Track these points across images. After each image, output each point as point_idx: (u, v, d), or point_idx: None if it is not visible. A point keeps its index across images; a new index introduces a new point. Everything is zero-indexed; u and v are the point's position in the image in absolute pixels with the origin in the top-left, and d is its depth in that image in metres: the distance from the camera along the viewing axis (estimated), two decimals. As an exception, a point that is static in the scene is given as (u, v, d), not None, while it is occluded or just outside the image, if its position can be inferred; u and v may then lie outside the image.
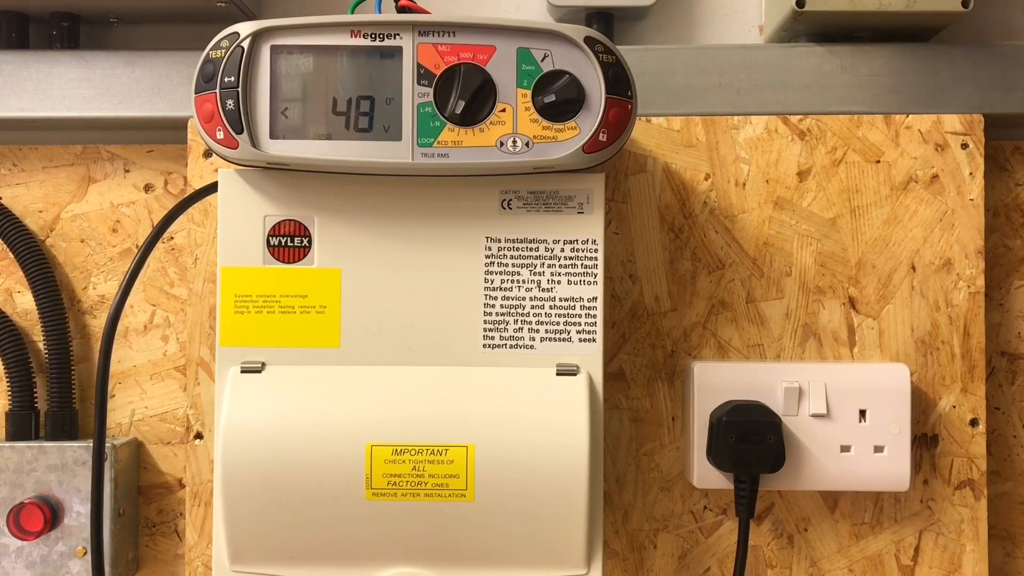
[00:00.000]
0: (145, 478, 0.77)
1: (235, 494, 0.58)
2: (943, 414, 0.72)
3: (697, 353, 0.72)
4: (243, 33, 0.58)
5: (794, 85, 0.74)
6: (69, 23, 0.77)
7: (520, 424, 0.59)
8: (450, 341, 0.62)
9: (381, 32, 0.58)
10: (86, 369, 0.78)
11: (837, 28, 0.74)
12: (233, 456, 0.58)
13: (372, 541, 0.59)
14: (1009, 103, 0.73)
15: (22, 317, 0.77)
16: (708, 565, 0.72)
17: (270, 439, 0.58)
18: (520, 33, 0.58)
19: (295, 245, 0.62)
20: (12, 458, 0.72)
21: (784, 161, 0.72)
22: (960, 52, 0.74)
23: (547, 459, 0.58)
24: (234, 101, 0.58)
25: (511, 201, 0.62)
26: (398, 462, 0.58)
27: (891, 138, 0.72)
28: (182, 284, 0.77)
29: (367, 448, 0.58)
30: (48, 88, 0.74)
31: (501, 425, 0.59)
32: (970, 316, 0.72)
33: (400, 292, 0.61)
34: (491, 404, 0.59)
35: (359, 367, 0.61)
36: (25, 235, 0.76)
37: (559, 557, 0.59)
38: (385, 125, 0.58)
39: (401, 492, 0.58)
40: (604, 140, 0.58)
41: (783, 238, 0.72)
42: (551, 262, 0.62)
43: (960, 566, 0.72)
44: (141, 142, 0.78)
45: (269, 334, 0.61)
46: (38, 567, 0.72)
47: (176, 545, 0.77)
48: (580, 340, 0.62)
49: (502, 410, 0.59)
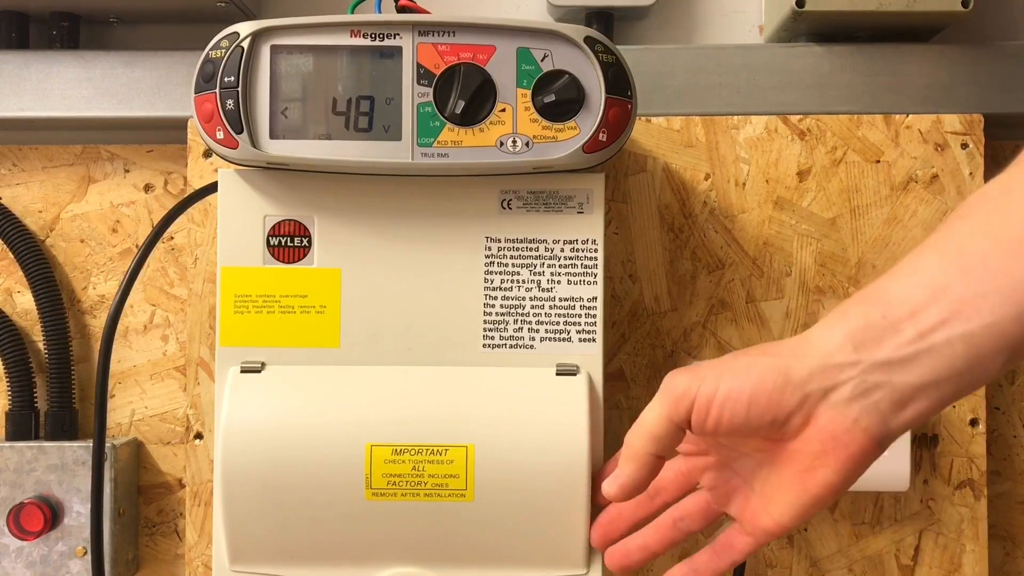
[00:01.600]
0: (145, 478, 0.77)
1: (235, 494, 0.58)
2: (943, 414, 0.72)
3: (697, 353, 0.72)
4: (243, 33, 0.58)
5: (794, 85, 0.74)
6: (69, 23, 0.77)
7: (520, 424, 0.59)
8: (450, 341, 0.62)
9: (381, 32, 0.58)
10: (86, 369, 0.78)
11: (837, 28, 0.74)
12: (233, 456, 0.58)
13: (372, 541, 0.59)
14: (1009, 103, 0.73)
15: (22, 317, 0.77)
16: (708, 565, 0.72)
17: (270, 439, 0.58)
18: (520, 33, 0.58)
19: (295, 245, 0.62)
20: (12, 458, 0.72)
21: (784, 161, 0.72)
22: (960, 52, 0.74)
23: (547, 459, 0.58)
24: (234, 101, 0.58)
25: (511, 201, 0.62)
26: (398, 462, 0.58)
27: (891, 138, 0.72)
28: (182, 284, 0.77)
29: (367, 448, 0.58)
30: (48, 88, 0.74)
31: (501, 425, 0.59)
32: (970, 316, 0.72)
33: (400, 292, 0.61)
34: (491, 404, 0.59)
35: (359, 367, 0.61)
36: (25, 235, 0.76)
37: (559, 557, 0.59)
38: (385, 125, 0.58)
39: (401, 492, 0.58)
40: (604, 140, 0.58)
41: (783, 238, 0.72)
42: (551, 262, 0.62)
43: (960, 566, 0.72)
44: (141, 142, 0.78)
45: (269, 334, 0.61)
46: (38, 567, 0.72)
47: (176, 545, 0.77)
48: (580, 340, 0.62)
49: (502, 410, 0.59)
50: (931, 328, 0.44)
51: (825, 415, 0.46)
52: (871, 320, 0.46)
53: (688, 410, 0.49)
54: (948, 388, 0.45)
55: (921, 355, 0.44)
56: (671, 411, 0.49)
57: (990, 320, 0.43)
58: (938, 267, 0.45)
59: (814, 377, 0.46)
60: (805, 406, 0.46)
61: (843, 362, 0.46)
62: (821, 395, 0.46)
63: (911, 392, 0.45)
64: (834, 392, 0.46)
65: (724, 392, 0.48)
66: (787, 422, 0.47)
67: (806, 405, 0.46)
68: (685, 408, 0.49)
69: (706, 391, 0.48)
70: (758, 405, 0.47)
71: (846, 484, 0.47)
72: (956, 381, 0.45)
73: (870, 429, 0.46)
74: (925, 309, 0.44)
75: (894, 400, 0.45)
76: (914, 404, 0.45)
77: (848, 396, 0.46)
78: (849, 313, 0.47)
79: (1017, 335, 0.43)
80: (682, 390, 0.49)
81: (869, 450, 0.46)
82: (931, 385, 0.45)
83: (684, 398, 0.49)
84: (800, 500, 0.48)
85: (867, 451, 0.46)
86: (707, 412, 0.48)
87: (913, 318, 0.45)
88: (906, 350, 0.45)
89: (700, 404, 0.48)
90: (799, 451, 0.47)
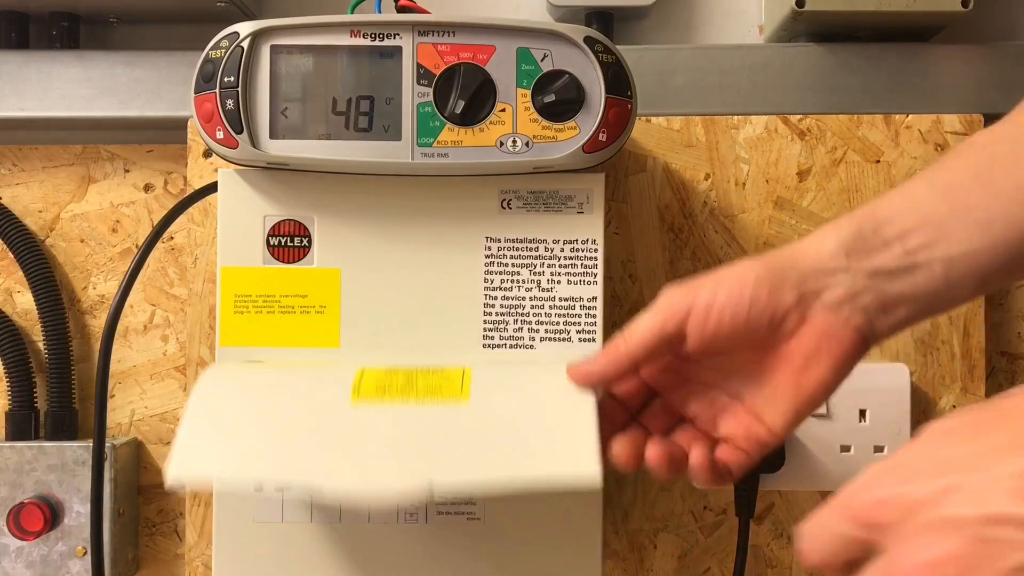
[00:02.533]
0: (145, 478, 0.77)
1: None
2: (943, 414, 0.72)
3: (697, 353, 0.72)
4: (243, 33, 0.58)
5: (794, 85, 0.74)
6: (69, 23, 0.77)
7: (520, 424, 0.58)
8: (450, 341, 0.62)
9: (381, 32, 0.58)
10: (86, 369, 0.78)
11: (837, 28, 0.74)
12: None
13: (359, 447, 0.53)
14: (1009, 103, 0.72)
15: (22, 317, 0.77)
16: (708, 565, 0.72)
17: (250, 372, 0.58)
18: (520, 33, 0.58)
19: (295, 245, 0.62)
20: (12, 458, 0.72)
21: (784, 161, 0.72)
22: (960, 52, 0.74)
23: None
24: (234, 101, 0.58)
25: (511, 201, 0.62)
26: (391, 375, 0.56)
27: (891, 138, 0.72)
28: (182, 284, 0.77)
29: (358, 371, 0.56)
30: (48, 88, 0.74)
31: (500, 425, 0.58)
32: (970, 316, 0.72)
33: (400, 292, 0.61)
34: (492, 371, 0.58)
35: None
36: (25, 235, 0.76)
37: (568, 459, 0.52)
38: (385, 125, 0.58)
39: (390, 397, 0.55)
40: (604, 140, 0.58)
41: (783, 238, 0.72)
42: (551, 262, 0.62)
43: (960, 566, 0.71)
44: (141, 142, 0.78)
45: (269, 334, 0.61)
46: (38, 567, 0.72)
47: (176, 545, 0.77)
48: (580, 340, 0.62)
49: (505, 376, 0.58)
50: (916, 248, 0.49)
51: (819, 314, 0.50)
52: (863, 233, 0.50)
53: (681, 323, 0.51)
54: (925, 304, 0.50)
55: (906, 270, 0.49)
56: (664, 322, 0.51)
57: (968, 248, 0.48)
58: (927, 197, 0.50)
59: (808, 279, 0.50)
60: (801, 304, 0.50)
61: (835, 267, 0.50)
62: (815, 295, 0.50)
63: (894, 301, 0.49)
64: (827, 292, 0.50)
65: (724, 296, 0.50)
66: (784, 321, 0.50)
67: (802, 304, 0.50)
68: (678, 322, 0.51)
69: (705, 297, 0.51)
70: (758, 305, 0.50)
71: (837, 381, 0.51)
72: (932, 299, 0.49)
73: (860, 328, 0.50)
74: (913, 231, 0.49)
75: (879, 305, 0.49)
76: (896, 312, 0.50)
77: (840, 297, 0.50)
78: (842, 227, 0.50)
79: (989, 265, 0.48)
80: (677, 303, 0.51)
81: (858, 347, 0.50)
82: (911, 298, 0.49)
83: (679, 311, 0.51)
84: (794, 402, 0.51)
85: (857, 347, 0.50)
86: (707, 317, 0.50)
87: (901, 238, 0.49)
88: (893, 263, 0.49)
89: (699, 311, 0.51)
90: (793, 352, 0.50)
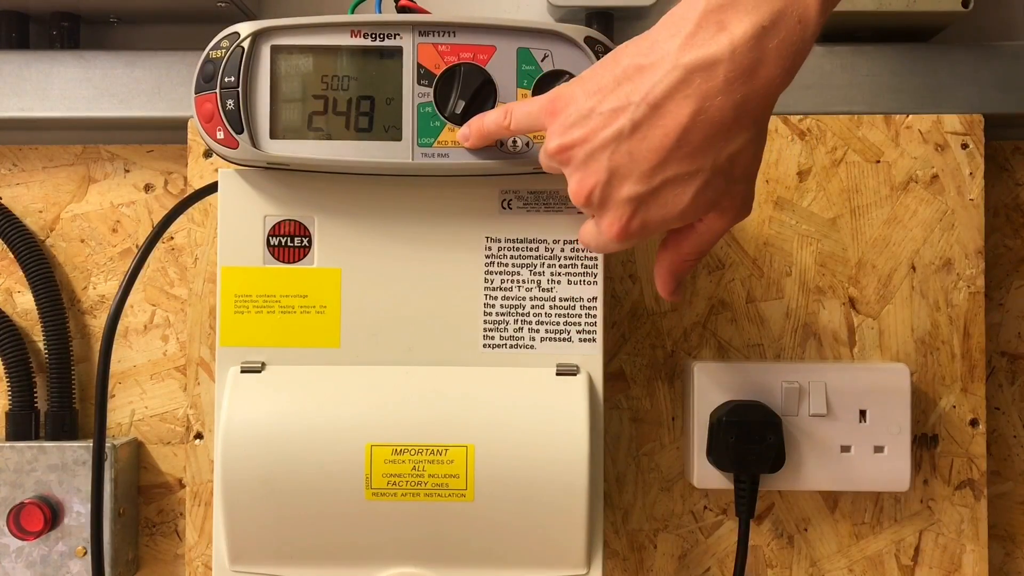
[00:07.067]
0: (145, 478, 0.77)
1: (235, 494, 0.58)
2: (943, 414, 0.72)
3: (697, 353, 0.72)
4: (243, 33, 0.58)
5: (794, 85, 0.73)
6: (69, 23, 0.77)
7: (520, 424, 0.59)
8: (450, 341, 0.62)
9: (381, 32, 0.58)
10: (86, 369, 0.78)
11: (837, 28, 0.74)
12: (233, 456, 0.58)
13: (372, 541, 0.59)
14: (1009, 103, 0.73)
15: (22, 317, 0.77)
16: (708, 565, 0.72)
17: (270, 439, 0.58)
18: (520, 33, 0.58)
19: (295, 245, 0.62)
20: (12, 458, 0.72)
21: (784, 161, 0.72)
22: (960, 52, 0.74)
23: (547, 459, 0.58)
24: (234, 101, 0.58)
25: (511, 201, 0.62)
26: (398, 462, 0.58)
27: (891, 138, 0.72)
28: (182, 284, 0.77)
29: (367, 448, 0.58)
30: (48, 88, 0.74)
31: (501, 426, 0.59)
32: (970, 316, 0.72)
33: (400, 292, 0.61)
34: (491, 404, 0.59)
35: (359, 367, 0.61)
36: (25, 235, 0.76)
37: (559, 557, 0.59)
38: (385, 125, 0.58)
39: (401, 492, 0.58)
40: (604, 140, 0.58)
41: (783, 238, 0.72)
42: (551, 262, 0.62)
43: (960, 566, 0.72)
44: (141, 142, 0.78)
45: (269, 334, 0.61)
46: (38, 567, 0.72)
47: (176, 545, 0.77)
48: (580, 340, 0.62)
49: (502, 410, 0.59)
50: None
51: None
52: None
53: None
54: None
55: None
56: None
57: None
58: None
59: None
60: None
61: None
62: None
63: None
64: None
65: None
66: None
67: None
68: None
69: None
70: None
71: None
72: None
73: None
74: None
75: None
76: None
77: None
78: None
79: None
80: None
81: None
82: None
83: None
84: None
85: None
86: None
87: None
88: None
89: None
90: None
